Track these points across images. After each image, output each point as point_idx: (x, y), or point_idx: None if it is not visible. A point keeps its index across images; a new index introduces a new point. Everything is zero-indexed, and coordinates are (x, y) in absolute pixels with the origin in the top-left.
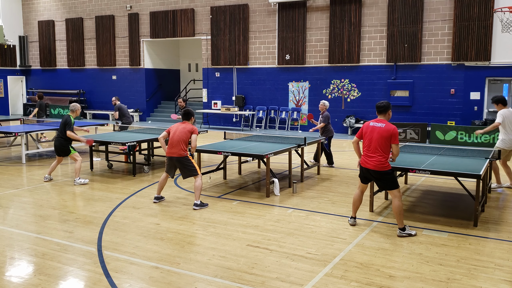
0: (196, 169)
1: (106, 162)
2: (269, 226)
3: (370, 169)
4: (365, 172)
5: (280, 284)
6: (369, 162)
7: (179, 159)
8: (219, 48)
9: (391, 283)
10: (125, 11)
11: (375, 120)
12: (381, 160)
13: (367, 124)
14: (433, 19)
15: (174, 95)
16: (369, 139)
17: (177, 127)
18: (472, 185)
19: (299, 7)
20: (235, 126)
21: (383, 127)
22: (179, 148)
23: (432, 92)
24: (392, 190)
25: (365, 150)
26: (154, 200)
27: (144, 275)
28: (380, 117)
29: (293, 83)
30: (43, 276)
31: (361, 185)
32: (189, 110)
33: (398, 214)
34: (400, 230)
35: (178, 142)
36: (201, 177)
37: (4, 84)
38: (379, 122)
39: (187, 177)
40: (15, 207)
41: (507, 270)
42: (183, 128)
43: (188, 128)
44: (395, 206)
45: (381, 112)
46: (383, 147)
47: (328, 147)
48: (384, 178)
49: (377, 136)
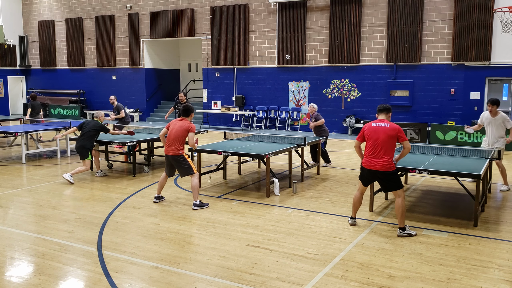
0: (192, 168)
1: (106, 162)
2: (269, 226)
3: (378, 170)
4: (368, 174)
5: (280, 284)
6: (377, 164)
7: (174, 158)
8: (219, 48)
9: (391, 283)
10: (125, 11)
11: (377, 121)
12: (388, 160)
13: (369, 126)
14: (433, 19)
15: (174, 95)
16: (373, 140)
17: (174, 124)
18: (472, 185)
19: (299, 7)
20: (235, 126)
21: (388, 126)
22: (175, 147)
23: (432, 92)
24: (397, 190)
25: (369, 151)
26: (154, 200)
27: (144, 275)
28: (381, 117)
29: (293, 83)
30: (43, 276)
31: (361, 187)
32: (188, 106)
33: (401, 214)
34: (401, 230)
35: (174, 140)
36: (197, 176)
37: (4, 84)
38: (382, 122)
39: (184, 176)
40: (15, 207)
41: (507, 270)
42: (179, 127)
43: (185, 126)
44: (399, 205)
45: (384, 112)
46: (391, 147)
47: (324, 146)
48: (390, 179)
49: (384, 136)
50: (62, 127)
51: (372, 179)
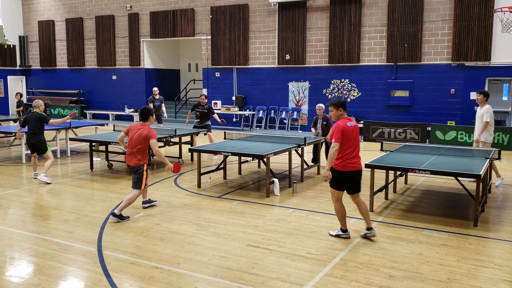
0: (142, 184)
1: (106, 162)
2: (269, 226)
3: (359, 169)
4: (349, 177)
5: (280, 284)
6: (358, 163)
7: (133, 168)
8: (219, 48)
9: (391, 283)
10: (125, 11)
11: (347, 119)
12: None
13: (344, 125)
14: (433, 19)
15: (174, 95)
16: (353, 139)
17: (134, 132)
18: (472, 185)
19: (299, 7)
20: (235, 126)
21: (356, 124)
22: (135, 157)
23: (432, 92)
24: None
25: (349, 152)
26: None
27: (144, 275)
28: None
29: (293, 83)
30: (43, 276)
31: (339, 195)
32: (147, 108)
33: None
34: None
35: (134, 150)
36: (138, 193)
37: (4, 84)
38: (352, 121)
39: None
40: (15, 207)
41: (507, 270)
42: (138, 136)
43: (144, 134)
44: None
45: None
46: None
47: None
48: (360, 177)
49: (356, 133)
50: (62, 127)
51: (350, 181)
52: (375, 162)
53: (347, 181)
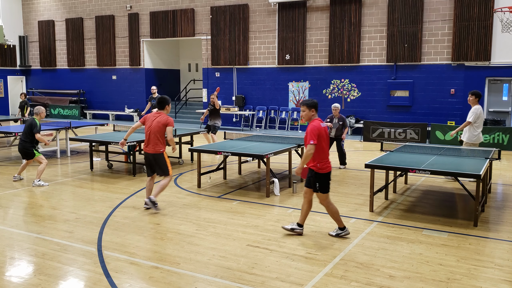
0: (169, 170)
1: (106, 162)
2: (269, 226)
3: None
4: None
5: (280, 284)
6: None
7: (154, 156)
8: (219, 48)
9: (391, 283)
10: (125, 11)
11: (320, 120)
12: None
13: (319, 126)
14: (433, 19)
15: (174, 95)
16: (327, 140)
17: (152, 120)
18: (472, 185)
19: (299, 7)
20: (235, 126)
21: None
22: (154, 144)
23: (432, 92)
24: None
25: (327, 153)
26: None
27: (144, 275)
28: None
29: (293, 83)
30: (43, 276)
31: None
32: (164, 98)
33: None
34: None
35: (153, 138)
36: (170, 178)
37: (4, 84)
38: (323, 122)
39: (160, 175)
40: (15, 207)
41: (507, 270)
42: (157, 122)
43: (162, 121)
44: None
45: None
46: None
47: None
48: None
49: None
50: (62, 127)
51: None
52: (375, 162)
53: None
